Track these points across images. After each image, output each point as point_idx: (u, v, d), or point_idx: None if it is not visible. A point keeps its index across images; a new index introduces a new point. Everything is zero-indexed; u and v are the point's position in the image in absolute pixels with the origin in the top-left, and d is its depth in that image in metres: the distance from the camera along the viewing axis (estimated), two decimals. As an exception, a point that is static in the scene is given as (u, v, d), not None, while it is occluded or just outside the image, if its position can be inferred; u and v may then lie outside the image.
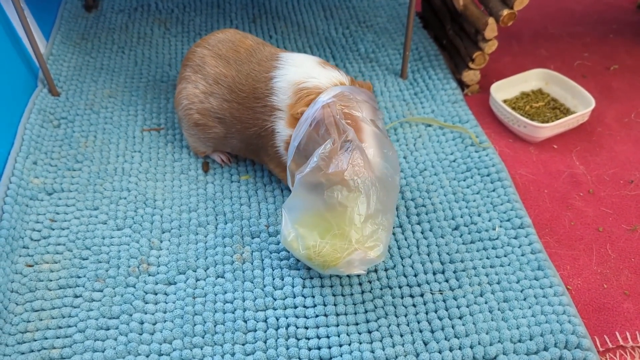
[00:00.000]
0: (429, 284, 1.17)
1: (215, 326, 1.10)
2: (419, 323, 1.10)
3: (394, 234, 1.26)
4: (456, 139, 1.52)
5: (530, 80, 1.67)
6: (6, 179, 1.33)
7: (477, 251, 1.23)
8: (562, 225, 1.31)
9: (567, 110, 1.59)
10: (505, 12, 1.50)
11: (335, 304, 1.13)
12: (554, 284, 1.15)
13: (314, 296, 1.14)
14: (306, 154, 1.12)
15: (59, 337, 1.08)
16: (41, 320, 1.10)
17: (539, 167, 1.45)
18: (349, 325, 1.10)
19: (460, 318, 1.11)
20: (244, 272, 1.19)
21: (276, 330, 1.09)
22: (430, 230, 1.28)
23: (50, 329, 1.09)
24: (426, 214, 1.31)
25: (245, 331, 1.09)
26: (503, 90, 1.63)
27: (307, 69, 1.22)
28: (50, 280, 1.17)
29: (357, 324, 1.11)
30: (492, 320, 1.10)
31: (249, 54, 1.30)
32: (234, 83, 1.28)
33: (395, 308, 1.13)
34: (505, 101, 1.62)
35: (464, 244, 1.25)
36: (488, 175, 1.40)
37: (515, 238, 1.25)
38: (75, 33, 1.92)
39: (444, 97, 1.65)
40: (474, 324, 1.09)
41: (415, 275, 1.18)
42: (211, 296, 1.15)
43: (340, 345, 1.07)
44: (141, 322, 1.10)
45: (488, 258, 1.22)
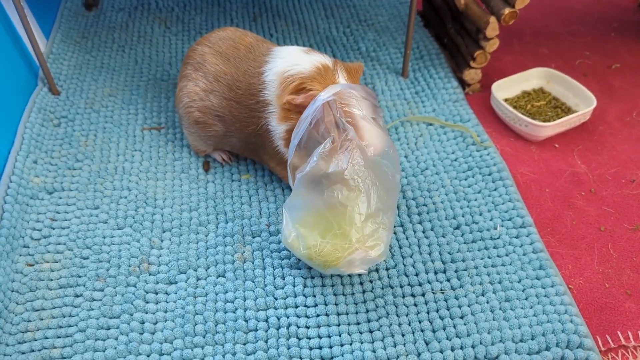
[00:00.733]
0: (430, 283, 1.17)
1: (216, 326, 1.09)
2: (420, 322, 1.10)
3: (395, 233, 1.26)
4: (457, 138, 1.52)
5: (531, 79, 1.67)
6: (6, 178, 1.33)
7: (479, 250, 1.23)
8: (564, 224, 1.30)
9: (569, 109, 1.58)
10: (507, 11, 1.49)
11: (336, 304, 1.13)
12: (556, 283, 1.15)
13: (315, 295, 1.14)
14: (307, 152, 1.11)
15: (59, 337, 1.08)
16: (42, 319, 1.10)
17: (541, 166, 1.45)
18: (350, 324, 1.10)
19: (461, 317, 1.10)
20: (244, 272, 1.19)
21: (277, 329, 1.09)
22: (432, 229, 1.27)
23: (50, 328, 1.09)
24: (427, 213, 1.31)
25: (246, 331, 1.09)
26: (504, 89, 1.63)
27: (292, 58, 1.21)
28: (51, 280, 1.17)
29: (359, 323, 1.10)
30: (494, 319, 1.10)
31: (248, 51, 1.30)
32: (232, 80, 1.28)
33: (397, 307, 1.12)
34: (506, 100, 1.62)
35: (465, 243, 1.24)
36: (489, 174, 1.40)
37: (517, 237, 1.25)
38: (75, 32, 1.92)
39: (445, 96, 1.65)
40: (475, 323, 1.09)
41: (417, 275, 1.18)
42: (212, 295, 1.15)
43: (342, 344, 1.06)
44: (142, 322, 1.10)
45: (489, 257, 1.21)
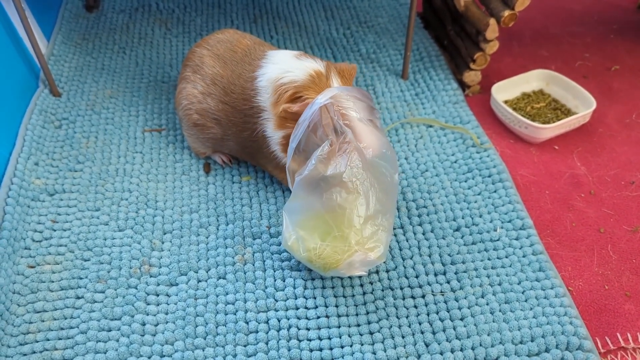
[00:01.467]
0: (430, 285, 1.17)
1: (216, 327, 1.10)
2: (420, 324, 1.10)
3: (395, 235, 1.27)
4: (457, 139, 1.52)
5: (531, 80, 1.67)
6: (8, 180, 1.33)
7: (479, 252, 1.23)
8: (564, 226, 1.31)
9: (568, 111, 1.59)
10: (507, 13, 1.50)
11: (336, 305, 1.13)
12: (555, 285, 1.16)
13: (315, 297, 1.14)
14: (306, 155, 1.12)
15: (60, 339, 1.08)
16: (43, 321, 1.10)
17: (540, 168, 1.45)
18: (350, 326, 1.10)
19: (461, 319, 1.11)
20: (245, 273, 1.19)
21: (278, 331, 1.09)
22: (432, 231, 1.28)
23: (52, 330, 1.09)
24: (427, 215, 1.31)
25: (246, 332, 1.09)
26: (504, 91, 1.63)
27: (284, 65, 1.21)
28: (52, 282, 1.17)
29: (359, 325, 1.11)
30: (494, 321, 1.10)
31: (245, 54, 1.29)
32: (228, 84, 1.28)
33: (397, 309, 1.13)
34: (506, 102, 1.62)
35: (465, 245, 1.25)
36: (489, 176, 1.40)
37: (517, 239, 1.25)
38: (76, 33, 1.92)
39: (445, 98, 1.65)
40: (475, 325, 1.09)
41: (417, 277, 1.18)
42: (213, 297, 1.15)
43: (342, 346, 1.07)
44: (143, 324, 1.11)
45: (489, 259, 1.22)
